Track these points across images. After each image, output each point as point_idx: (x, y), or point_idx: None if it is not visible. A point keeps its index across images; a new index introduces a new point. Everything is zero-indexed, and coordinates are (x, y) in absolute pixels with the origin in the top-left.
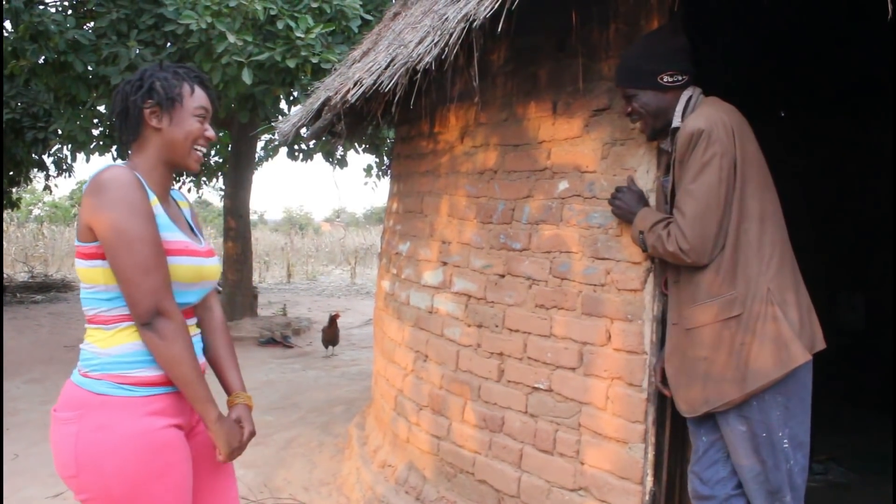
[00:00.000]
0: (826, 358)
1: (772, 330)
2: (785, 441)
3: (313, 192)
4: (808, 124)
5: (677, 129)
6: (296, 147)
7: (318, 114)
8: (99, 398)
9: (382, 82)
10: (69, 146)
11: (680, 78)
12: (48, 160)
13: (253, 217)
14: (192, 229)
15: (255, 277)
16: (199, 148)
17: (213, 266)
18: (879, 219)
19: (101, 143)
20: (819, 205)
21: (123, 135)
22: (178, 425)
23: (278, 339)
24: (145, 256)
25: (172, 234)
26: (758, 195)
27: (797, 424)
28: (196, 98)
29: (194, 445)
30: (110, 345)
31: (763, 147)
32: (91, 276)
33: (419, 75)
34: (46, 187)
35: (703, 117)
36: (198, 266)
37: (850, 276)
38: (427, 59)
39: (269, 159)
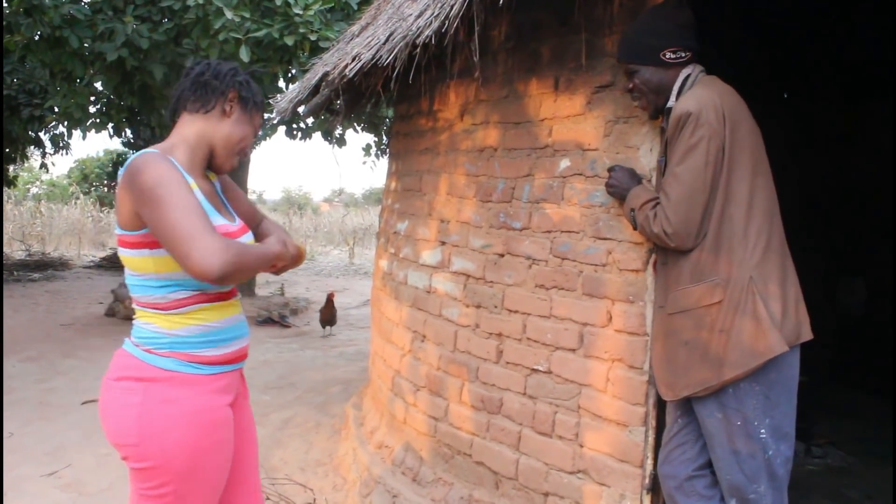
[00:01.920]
0: (826, 342)
1: (751, 319)
2: (762, 431)
3: (312, 173)
4: (807, 110)
5: (671, 108)
6: (294, 125)
7: (315, 90)
8: (167, 373)
9: (381, 57)
10: (66, 123)
11: (683, 54)
12: (45, 137)
13: (251, 197)
14: (224, 206)
15: None
16: (238, 156)
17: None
18: (880, 203)
19: (97, 119)
20: (819, 190)
21: (190, 100)
22: (230, 404)
23: (276, 318)
24: (189, 218)
25: (214, 219)
26: (747, 180)
27: (780, 415)
28: (259, 119)
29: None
30: (176, 326)
31: (764, 131)
32: (140, 265)
33: (418, 50)
34: (43, 165)
35: (694, 99)
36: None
37: (850, 261)
38: (427, 32)
39: (268, 138)
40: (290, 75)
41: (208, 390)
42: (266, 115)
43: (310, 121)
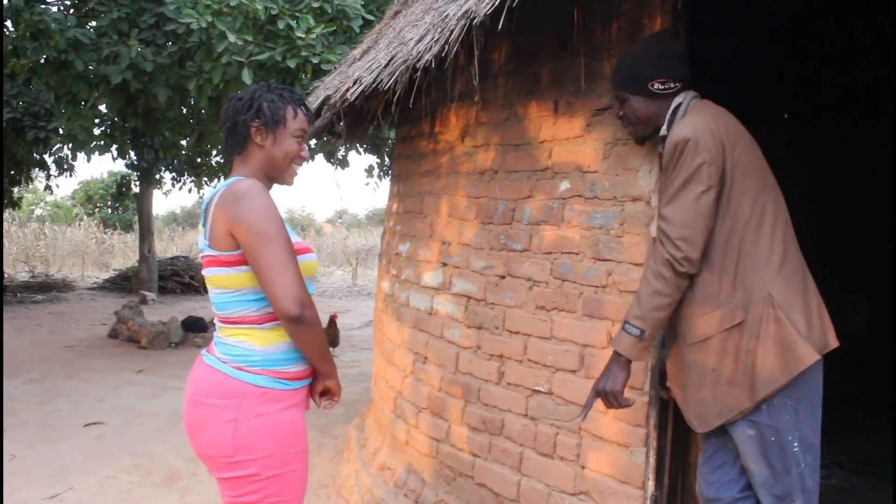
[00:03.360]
0: (829, 361)
1: (775, 334)
2: (795, 444)
3: (315, 193)
4: (808, 126)
5: (664, 136)
6: None
7: (317, 113)
8: (259, 390)
9: (382, 80)
10: (70, 145)
11: (672, 85)
12: (49, 159)
13: None
14: None
15: None
16: (295, 165)
17: (316, 260)
18: (881, 221)
19: (101, 142)
20: (820, 207)
21: (230, 147)
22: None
23: None
24: (285, 254)
25: (292, 236)
26: (751, 198)
27: (806, 427)
28: (298, 120)
29: None
30: (269, 342)
31: (764, 149)
32: (237, 281)
33: (419, 74)
34: (47, 187)
35: (690, 126)
36: (313, 261)
37: (852, 280)
38: (427, 56)
39: None
40: None
41: (292, 404)
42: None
43: (312, 143)
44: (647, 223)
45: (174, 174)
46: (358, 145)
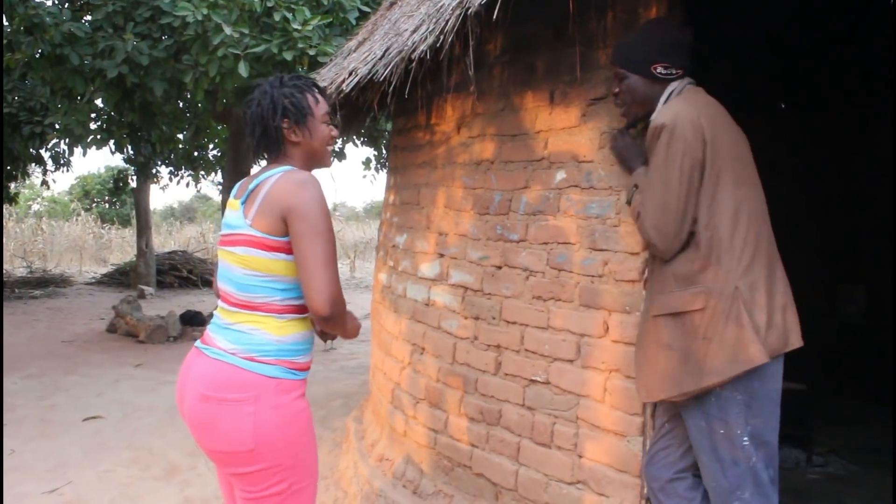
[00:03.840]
0: (827, 350)
1: (733, 329)
2: (745, 438)
3: None
4: (808, 118)
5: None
6: None
7: None
8: (274, 381)
9: (377, 72)
10: (66, 140)
11: (674, 72)
12: (46, 155)
13: None
14: None
15: None
16: (330, 147)
17: None
18: (880, 212)
19: (98, 136)
20: (819, 199)
21: (266, 152)
22: None
23: None
24: (331, 251)
25: None
26: (731, 190)
27: (761, 423)
28: (321, 105)
29: None
30: (284, 333)
31: (762, 141)
32: (272, 267)
33: (414, 64)
34: (44, 182)
35: (672, 112)
36: None
37: (850, 270)
38: (422, 47)
39: None
40: None
41: (300, 394)
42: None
43: None
44: (631, 214)
45: (171, 168)
46: (355, 137)
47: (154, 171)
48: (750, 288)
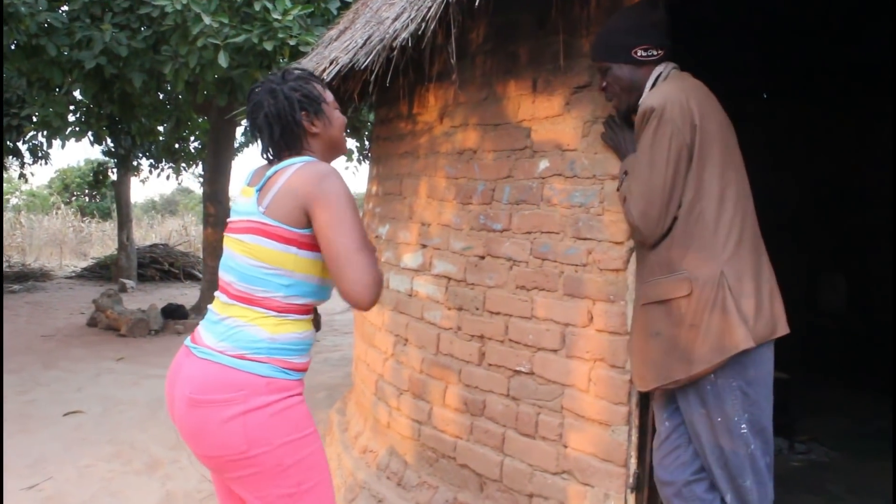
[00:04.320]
0: (808, 339)
1: (720, 314)
2: (743, 426)
3: None
4: (792, 108)
5: None
6: None
7: None
8: (264, 380)
9: (358, 60)
10: (44, 132)
11: (655, 52)
12: (23, 147)
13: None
14: None
15: None
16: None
17: None
18: (860, 201)
19: (76, 128)
20: (800, 188)
21: (285, 150)
22: None
23: None
24: (362, 236)
25: None
26: (717, 175)
27: (757, 410)
28: (328, 93)
29: None
30: (280, 331)
31: (746, 130)
32: (280, 260)
33: (396, 53)
34: (22, 175)
35: (661, 95)
36: None
37: (831, 258)
38: (404, 35)
39: (250, 146)
40: None
41: (295, 393)
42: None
43: None
44: (620, 200)
45: (152, 161)
46: None
47: (134, 163)
48: (736, 274)
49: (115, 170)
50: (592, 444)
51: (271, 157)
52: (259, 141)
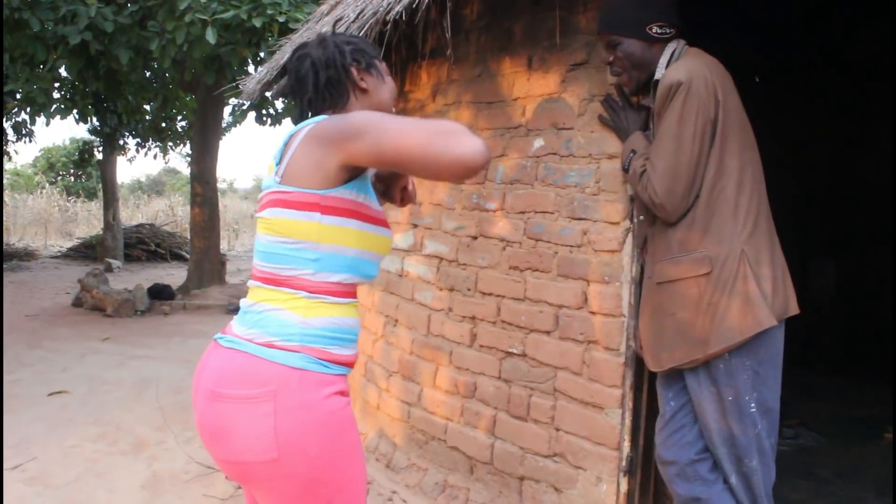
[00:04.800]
0: (797, 324)
1: (741, 292)
2: (752, 405)
3: None
4: (780, 92)
5: (658, 81)
6: (264, 111)
7: (283, 71)
8: (297, 373)
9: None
10: (28, 109)
11: (668, 31)
12: (7, 124)
13: (222, 185)
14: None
15: (225, 245)
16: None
17: (391, 238)
18: (851, 186)
19: (62, 105)
20: (792, 173)
21: (327, 105)
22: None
23: None
24: (427, 123)
25: (375, 204)
26: (737, 154)
27: (766, 390)
28: (384, 66)
29: None
30: (313, 314)
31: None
32: (301, 230)
33: (389, 27)
34: (6, 153)
35: (685, 69)
36: (388, 238)
37: (821, 244)
38: (397, 8)
39: (238, 125)
40: (258, 59)
41: (335, 391)
42: (236, 101)
43: (280, 106)
44: (623, 181)
45: (138, 140)
46: None
47: (121, 142)
48: (755, 253)
49: (100, 149)
50: (585, 426)
51: (309, 116)
52: (298, 100)
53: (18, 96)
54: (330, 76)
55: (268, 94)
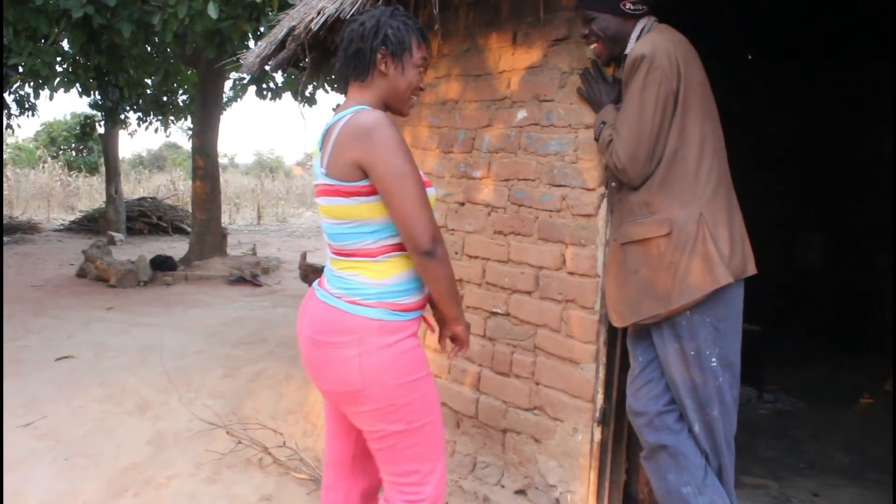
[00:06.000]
0: (783, 295)
1: (700, 252)
2: (713, 360)
3: (284, 137)
4: (769, 67)
5: (627, 55)
6: (264, 85)
7: (282, 44)
8: (377, 323)
9: (345, 10)
10: (31, 83)
11: (641, 7)
12: (9, 98)
13: (223, 160)
14: None
15: (226, 219)
16: (414, 96)
17: (435, 195)
18: (837, 160)
19: (65, 79)
20: (778, 146)
21: (350, 73)
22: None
23: (248, 277)
24: (419, 191)
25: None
26: (699, 123)
27: (727, 345)
28: (421, 49)
29: None
30: (384, 275)
31: (726, 89)
32: (355, 212)
33: (381, 3)
34: (8, 126)
35: (650, 44)
36: (433, 195)
37: (808, 217)
38: None
39: (238, 99)
40: (259, 33)
41: (409, 334)
42: (237, 76)
43: (280, 80)
44: (600, 149)
45: (140, 114)
46: (326, 83)
47: (122, 116)
48: (713, 216)
49: (102, 123)
50: (562, 380)
51: (341, 80)
52: (338, 60)
53: (21, 70)
54: (358, 49)
55: (267, 67)
